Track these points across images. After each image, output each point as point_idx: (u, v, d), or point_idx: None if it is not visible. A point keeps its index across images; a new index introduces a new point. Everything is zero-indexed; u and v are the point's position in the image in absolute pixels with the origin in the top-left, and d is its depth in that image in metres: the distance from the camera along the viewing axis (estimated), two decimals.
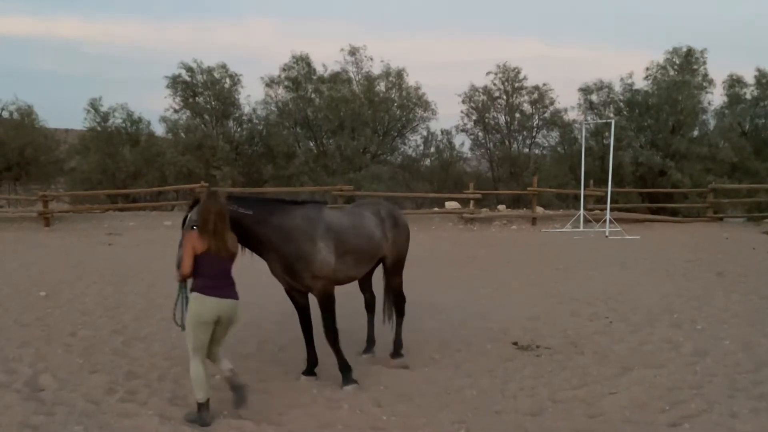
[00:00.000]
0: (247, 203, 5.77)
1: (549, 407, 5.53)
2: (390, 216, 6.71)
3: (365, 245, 6.29)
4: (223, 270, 5.15)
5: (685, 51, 27.13)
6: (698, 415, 5.26)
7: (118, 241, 16.68)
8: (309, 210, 6.00)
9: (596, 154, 26.02)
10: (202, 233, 5.03)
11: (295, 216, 5.86)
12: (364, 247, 6.27)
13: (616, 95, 27.07)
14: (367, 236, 6.33)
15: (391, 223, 6.66)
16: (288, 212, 5.87)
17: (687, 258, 13.51)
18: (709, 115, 27.49)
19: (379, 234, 6.49)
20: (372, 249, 6.40)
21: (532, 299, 9.67)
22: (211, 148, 25.74)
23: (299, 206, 6.05)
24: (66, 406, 5.46)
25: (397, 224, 6.72)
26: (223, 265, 5.14)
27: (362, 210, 6.66)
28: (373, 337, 7.15)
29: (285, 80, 27.46)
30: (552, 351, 7.12)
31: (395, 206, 7.16)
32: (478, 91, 28.58)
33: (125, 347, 7.19)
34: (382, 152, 27.54)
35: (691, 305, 9.16)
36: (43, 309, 8.92)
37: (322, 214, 6.05)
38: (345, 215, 6.38)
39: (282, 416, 5.31)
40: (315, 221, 5.91)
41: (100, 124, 27.75)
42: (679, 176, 24.12)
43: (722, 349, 7.05)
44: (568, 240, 17.06)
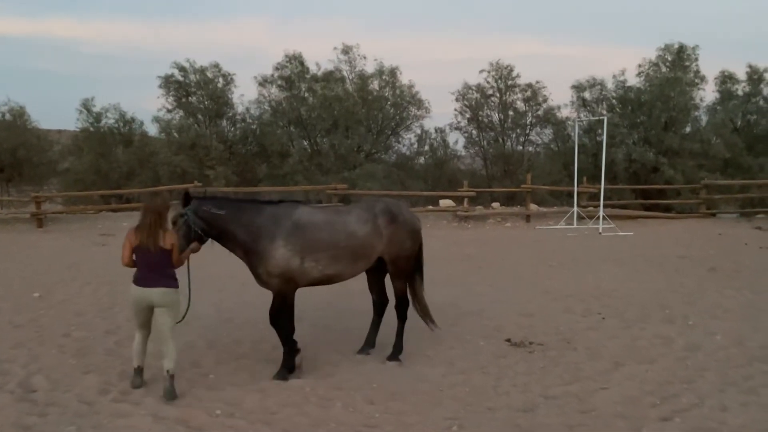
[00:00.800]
0: (221, 203, 6.12)
1: (542, 403, 5.56)
2: (386, 212, 6.48)
3: (343, 242, 6.18)
4: (151, 262, 5.66)
5: (677, 48, 27.24)
6: (689, 409, 5.30)
7: (111, 241, 16.62)
8: (280, 208, 6.19)
9: (589, 151, 26.10)
10: (138, 228, 5.68)
11: (263, 214, 6.08)
12: (341, 244, 6.17)
13: (609, 92, 27.18)
14: (346, 233, 6.22)
15: (386, 219, 6.44)
16: (258, 211, 6.12)
17: (680, 254, 13.56)
18: (701, 111, 27.65)
19: (366, 230, 6.32)
20: (354, 246, 6.25)
21: (526, 296, 9.70)
22: (205, 147, 25.71)
23: (273, 205, 6.22)
24: (59, 406, 5.46)
25: (395, 220, 6.47)
26: (152, 257, 5.64)
27: (353, 207, 6.64)
28: (373, 341, 7.00)
29: (278, 79, 27.47)
30: (545, 347, 7.15)
31: (400, 203, 6.88)
32: (471, 89, 28.66)
33: (119, 348, 7.18)
34: (376, 151, 27.56)
35: (683, 301, 9.20)
36: (36, 310, 8.90)
37: (293, 212, 6.16)
38: (323, 212, 6.37)
39: (275, 415, 5.32)
40: (281, 219, 6.06)
41: (92, 124, 27.71)
42: (672, 172, 24.22)
43: (714, 344, 7.09)
44: (562, 237, 17.10)
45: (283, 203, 6.32)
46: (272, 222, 6.03)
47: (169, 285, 5.72)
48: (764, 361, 6.43)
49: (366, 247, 6.34)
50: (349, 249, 6.22)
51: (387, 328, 7.06)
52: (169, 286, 5.72)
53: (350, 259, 6.27)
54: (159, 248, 5.62)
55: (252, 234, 6.00)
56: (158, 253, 5.63)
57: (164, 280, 5.70)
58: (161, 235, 5.64)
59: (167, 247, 5.66)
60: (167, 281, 5.72)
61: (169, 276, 5.75)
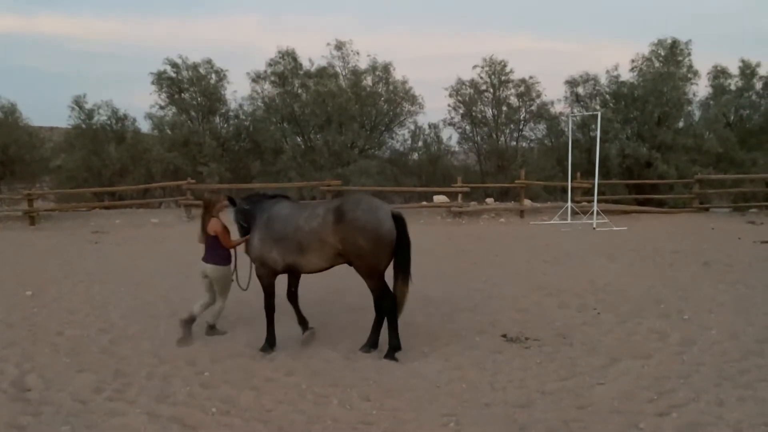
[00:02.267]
0: (252, 199, 7.19)
1: (538, 399, 5.56)
2: (335, 211, 6.47)
3: (291, 235, 6.66)
4: (207, 244, 7.16)
5: (670, 43, 27.22)
6: (686, 404, 5.30)
7: (104, 239, 16.56)
8: (268, 203, 7.07)
9: (583, 147, 26.09)
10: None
11: (260, 208, 7.03)
12: (290, 236, 6.66)
13: (603, 87, 27.14)
14: (294, 226, 6.68)
15: (333, 217, 6.44)
16: (259, 205, 7.08)
17: (674, 248, 13.59)
18: (694, 106, 27.60)
19: (312, 226, 6.54)
20: (300, 238, 6.60)
21: (521, 291, 9.69)
22: (198, 144, 25.58)
23: (267, 200, 7.13)
24: (53, 405, 5.42)
25: (341, 220, 6.40)
26: (207, 240, 7.14)
27: (320, 203, 6.96)
28: (375, 340, 6.95)
29: (271, 75, 27.31)
30: (541, 343, 7.15)
31: (360, 201, 6.58)
32: (464, 85, 28.57)
33: (113, 346, 7.15)
34: (370, 147, 27.47)
35: (678, 295, 9.22)
36: (29, 308, 8.85)
37: (273, 206, 6.97)
38: (291, 208, 6.91)
39: (270, 412, 5.30)
40: (264, 212, 6.95)
41: (84, 121, 27.46)
42: (665, 167, 24.24)
43: (709, 338, 7.10)
44: (556, 232, 17.11)
45: (275, 198, 7.18)
46: (260, 214, 6.97)
47: (216, 263, 7.13)
48: (759, 355, 6.44)
49: (312, 241, 6.56)
50: (296, 241, 6.64)
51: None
52: (217, 264, 7.13)
53: (298, 250, 6.66)
54: (206, 233, 7.10)
55: (252, 224, 7.00)
56: (208, 237, 7.10)
57: (214, 259, 7.14)
58: (207, 223, 7.09)
59: (211, 234, 7.04)
60: (216, 259, 7.13)
61: (218, 255, 7.13)
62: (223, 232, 7.05)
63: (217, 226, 7.03)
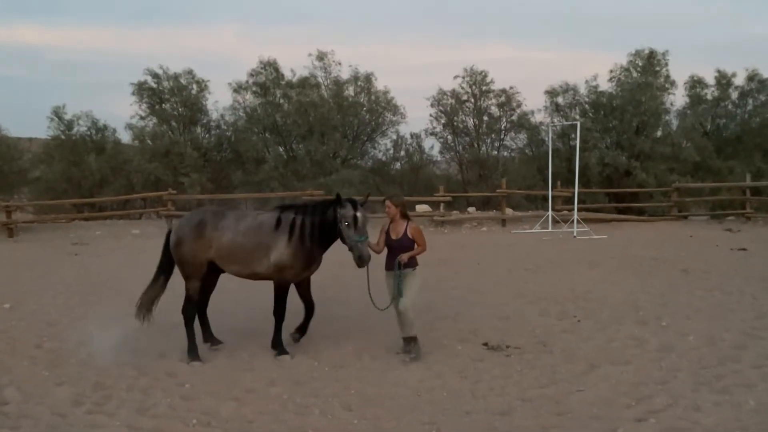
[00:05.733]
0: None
1: (518, 406, 5.60)
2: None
3: None
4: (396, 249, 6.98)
5: (647, 53, 27.65)
6: (663, 409, 5.37)
7: (84, 250, 16.41)
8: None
9: (563, 156, 26.37)
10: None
11: None
12: None
13: (582, 97, 27.51)
14: None
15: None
16: None
17: (652, 256, 13.75)
18: (671, 115, 28.08)
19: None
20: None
21: (502, 300, 9.75)
22: (179, 154, 25.48)
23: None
24: (31, 419, 5.36)
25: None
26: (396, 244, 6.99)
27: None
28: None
29: (253, 86, 27.32)
30: (521, 351, 7.20)
31: (195, 212, 7.48)
32: (446, 95, 28.75)
33: (92, 358, 7.07)
34: (352, 156, 27.53)
35: (656, 302, 9.32)
36: (7, 321, 8.74)
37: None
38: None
39: (252, 423, 5.29)
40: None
41: (64, 132, 27.22)
42: (644, 176, 24.57)
43: (686, 344, 7.20)
44: (537, 240, 17.24)
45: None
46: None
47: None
48: (736, 361, 6.54)
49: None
50: None
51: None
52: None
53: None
54: (395, 238, 7.05)
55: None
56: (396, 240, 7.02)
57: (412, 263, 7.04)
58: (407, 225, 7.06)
59: (411, 236, 6.98)
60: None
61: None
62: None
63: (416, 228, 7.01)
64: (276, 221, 6.92)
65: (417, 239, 6.91)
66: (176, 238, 7.16)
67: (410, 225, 6.95)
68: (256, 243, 6.91)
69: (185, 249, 7.07)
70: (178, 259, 7.18)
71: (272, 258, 6.82)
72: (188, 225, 7.17)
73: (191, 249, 7.04)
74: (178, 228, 7.26)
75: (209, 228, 7.04)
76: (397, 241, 6.91)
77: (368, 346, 7.30)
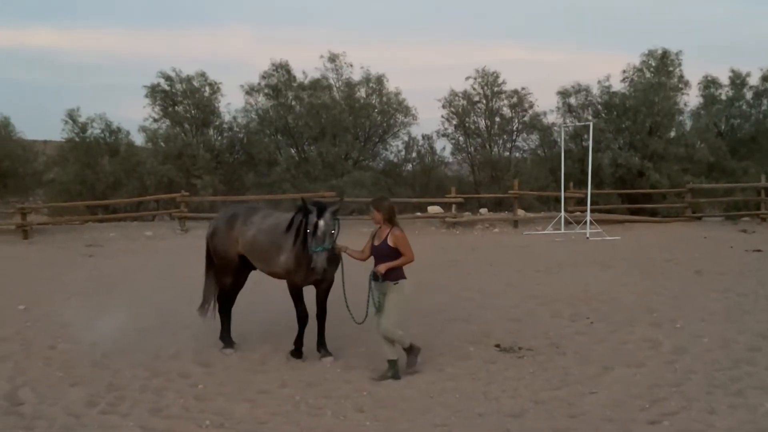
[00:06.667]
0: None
1: (531, 408, 5.58)
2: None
3: None
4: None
5: (660, 53, 27.44)
6: (678, 412, 5.33)
7: (98, 252, 16.53)
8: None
9: (576, 157, 26.21)
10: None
11: None
12: None
13: (594, 98, 27.32)
14: None
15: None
16: None
17: (666, 257, 13.66)
18: (685, 116, 27.84)
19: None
20: None
21: (514, 301, 9.72)
22: (192, 156, 25.60)
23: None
24: (46, 419, 5.41)
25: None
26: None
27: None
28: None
29: (265, 88, 27.36)
30: (534, 352, 7.17)
31: (231, 207, 8.13)
32: (458, 96, 28.69)
33: (105, 359, 7.12)
34: (364, 158, 27.54)
35: (670, 304, 9.26)
36: (22, 322, 8.82)
37: None
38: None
39: (264, 425, 5.31)
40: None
41: (78, 134, 27.42)
42: (658, 177, 24.37)
43: (701, 346, 7.14)
44: (550, 242, 17.18)
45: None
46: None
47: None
48: (751, 363, 6.48)
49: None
50: None
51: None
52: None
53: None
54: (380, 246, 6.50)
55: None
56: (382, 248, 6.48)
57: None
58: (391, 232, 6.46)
59: (392, 245, 6.41)
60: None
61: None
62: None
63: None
64: (289, 222, 6.86)
65: (400, 248, 6.26)
66: (211, 230, 7.51)
67: (393, 232, 6.29)
68: (271, 242, 6.94)
69: (218, 241, 7.35)
70: (213, 250, 7.44)
71: (281, 259, 6.82)
72: (223, 218, 7.49)
73: (222, 242, 7.29)
74: (214, 220, 7.65)
75: (239, 222, 7.26)
76: (377, 249, 6.38)
77: (381, 349, 7.28)
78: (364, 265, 6.59)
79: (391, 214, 6.37)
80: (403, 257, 6.29)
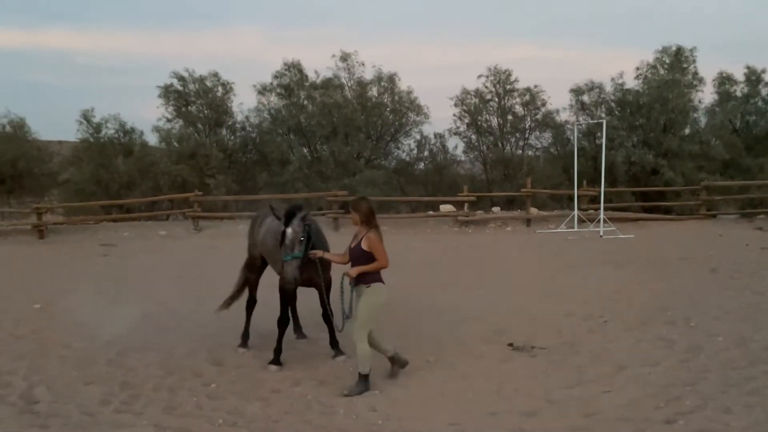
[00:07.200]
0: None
1: (545, 407, 5.55)
2: None
3: None
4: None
5: (674, 50, 27.21)
6: (693, 411, 5.28)
7: (113, 251, 16.64)
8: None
9: (589, 154, 26.07)
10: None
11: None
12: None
13: (608, 95, 27.12)
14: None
15: None
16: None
17: (681, 255, 13.54)
18: (700, 113, 27.57)
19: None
20: None
21: (528, 300, 9.68)
22: (205, 156, 25.71)
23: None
24: (60, 418, 5.45)
25: None
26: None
27: None
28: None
29: (277, 87, 27.44)
30: (547, 351, 7.14)
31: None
32: (470, 94, 28.58)
33: (120, 358, 7.18)
34: (376, 157, 27.53)
35: (685, 302, 9.18)
36: (37, 321, 8.90)
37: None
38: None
39: (277, 423, 5.32)
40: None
41: (92, 135, 27.61)
42: (672, 174, 24.17)
43: (716, 345, 7.07)
44: (563, 240, 17.09)
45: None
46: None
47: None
48: (766, 362, 6.40)
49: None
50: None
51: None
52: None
53: None
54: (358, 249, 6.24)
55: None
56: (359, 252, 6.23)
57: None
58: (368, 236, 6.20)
59: (366, 249, 6.17)
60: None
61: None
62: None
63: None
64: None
65: (374, 252, 6.01)
66: (248, 228, 8.00)
67: (368, 235, 6.04)
68: (273, 245, 6.92)
69: (248, 240, 7.85)
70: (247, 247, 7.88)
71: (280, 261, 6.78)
72: (253, 218, 8.00)
73: (248, 241, 7.80)
74: (251, 219, 8.14)
75: (257, 223, 7.61)
76: (352, 251, 6.16)
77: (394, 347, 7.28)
78: None
79: (369, 216, 6.13)
80: (376, 262, 6.02)
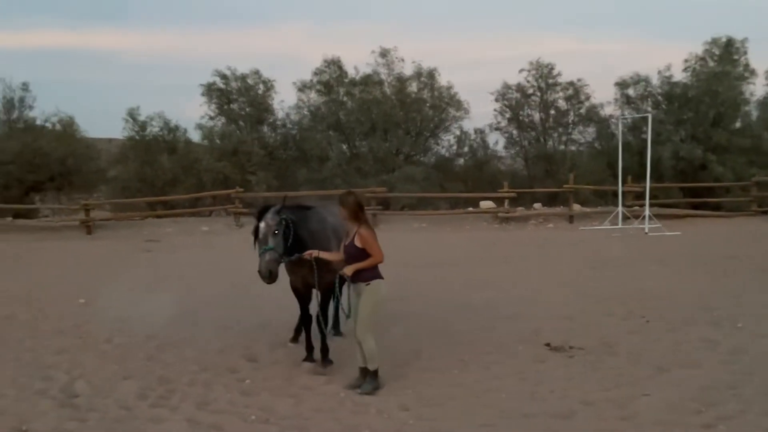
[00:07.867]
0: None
1: (580, 410, 5.42)
2: None
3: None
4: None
5: (724, 41, 26.40)
6: (734, 416, 5.10)
7: (157, 247, 16.99)
8: (321, 212, 6.94)
9: (634, 149, 25.48)
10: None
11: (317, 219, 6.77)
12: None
13: (654, 89, 26.53)
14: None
15: None
16: (312, 216, 6.73)
17: (729, 254, 13.12)
18: (751, 106, 26.73)
19: None
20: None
21: (566, 299, 9.51)
22: (246, 153, 26.07)
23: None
24: (99, 412, 5.56)
25: None
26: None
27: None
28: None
29: (317, 84, 27.64)
30: (585, 352, 6.98)
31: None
32: (511, 89, 28.29)
33: (159, 353, 7.29)
34: (415, 153, 27.51)
35: (731, 302, 8.89)
36: (81, 316, 9.11)
37: (326, 215, 6.89)
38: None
39: (308, 421, 5.32)
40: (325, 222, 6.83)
41: (138, 132, 28.26)
42: (721, 170, 23.50)
43: (761, 347, 6.82)
44: (606, 237, 16.76)
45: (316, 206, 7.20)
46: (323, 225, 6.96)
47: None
48: None
49: None
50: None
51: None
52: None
53: None
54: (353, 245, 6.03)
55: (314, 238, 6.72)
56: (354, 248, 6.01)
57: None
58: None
59: (359, 245, 5.98)
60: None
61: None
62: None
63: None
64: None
65: (367, 248, 5.78)
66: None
67: (359, 231, 5.82)
68: None
69: None
70: None
71: None
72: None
73: None
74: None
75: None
76: (345, 249, 5.95)
77: (427, 346, 7.24)
78: None
79: (357, 211, 5.87)
80: (371, 258, 5.79)
